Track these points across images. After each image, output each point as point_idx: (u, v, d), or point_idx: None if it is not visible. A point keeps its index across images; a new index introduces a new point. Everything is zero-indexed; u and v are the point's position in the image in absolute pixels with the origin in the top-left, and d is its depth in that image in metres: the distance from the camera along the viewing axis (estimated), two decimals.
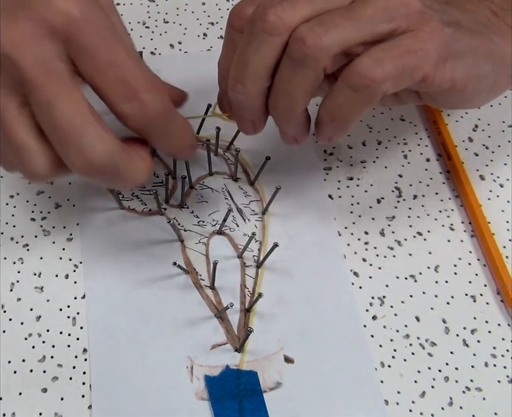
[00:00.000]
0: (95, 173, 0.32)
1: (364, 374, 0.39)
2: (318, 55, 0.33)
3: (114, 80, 0.32)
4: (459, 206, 0.46)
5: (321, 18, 0.33)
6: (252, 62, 0.34)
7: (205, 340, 0.39)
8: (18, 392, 0.37)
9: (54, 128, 0.31)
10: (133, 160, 0.33)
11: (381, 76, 0.33)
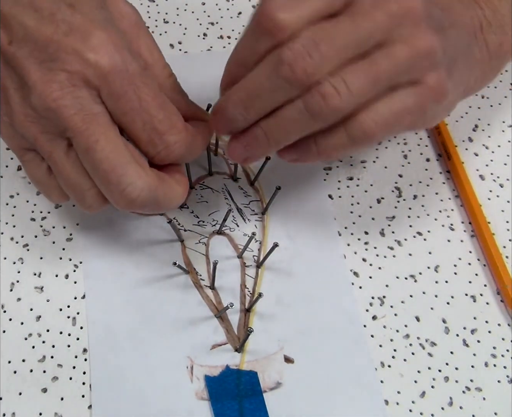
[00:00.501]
0: (137, 208, 0.34)
1: (364, 374, 0.39)
2: (337, 113, 0.33)
3: (140, 124, 0.34)
4: (459, 206, 0.46)
5: (345, 75, 0.32)
6: (264, 98, 0.34)
7: (205, 340, 0.39)
8: (18, 392, 0.37)
9: (95, 169, 0.34)
10: (171, 187, 0.36)
11: (380, 133, 0.34)
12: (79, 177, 0.35)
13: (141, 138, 0.34)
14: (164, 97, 0.35)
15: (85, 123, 0.33)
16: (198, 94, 0.48)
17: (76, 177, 0.35)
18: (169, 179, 0.36)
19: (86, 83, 0.33)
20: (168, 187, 0.36)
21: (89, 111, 0.33)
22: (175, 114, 0.36)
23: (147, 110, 0.34)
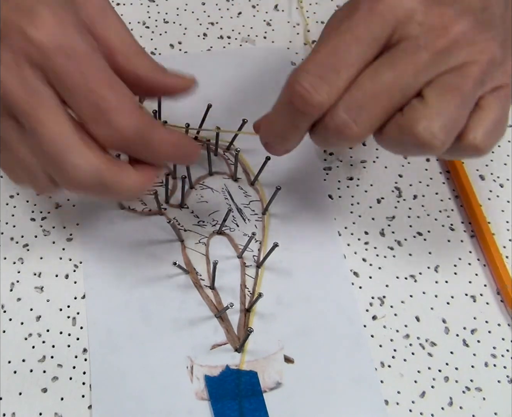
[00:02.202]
0: (84, 190, 0.33)
1: (364, 374, 0.39)
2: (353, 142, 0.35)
3: (86, 104, 0.32)
4: (459, 206, 0.46)
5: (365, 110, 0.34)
6: (292, 135, 0.37)
7: (205, 340, 0.39)
8: (18, 392, 0.37)
9: (41, 151, 0.32)
10: (125, 173, 0.34)
11: (490, 145, 0.35)
12: (30, 158, 0.33)
13: (87, 118, 0.33)
14: (116, 79, 0.34)
15: (30, 104, 0.32)
16: (198, 94, 0.48)
17: (27, 159, 0.33)
18: (124, 166, 0.34)
19: (30, 62, 0.31)
20: (121, 173, 0.34)
21: (34, 92, 0.32)
22: (128, 96, 0.34)
23: (93, 90, 0.32)
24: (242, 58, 0.51)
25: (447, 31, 0.33)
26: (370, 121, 0.34)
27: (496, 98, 0.35)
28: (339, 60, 0.33)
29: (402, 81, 0.33)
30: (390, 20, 0.33)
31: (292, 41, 0.52)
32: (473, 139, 0.34)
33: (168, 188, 0.43)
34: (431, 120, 0.33)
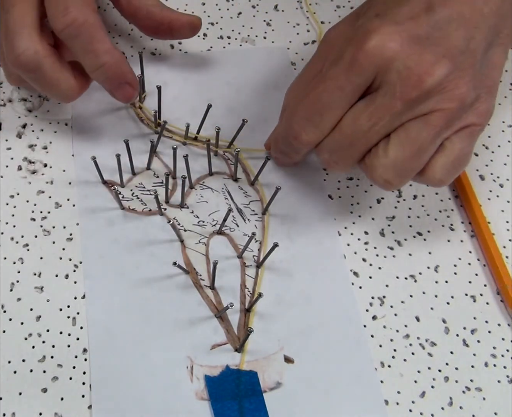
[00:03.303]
0: (22, 67, 0.40)
1: (364, 374, 0.39)
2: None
3: (54, 1, 0.40)
4: (459, 206, 0.46)
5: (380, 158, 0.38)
6: (293, 158, 0.44)
7: (205, 340, 0.39)
8: (18, 392, 0.37)
9: (4, 28, 0.40)
10: (63, 70, 0.41)
11: (449, 178, 0.39)
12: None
13: (52, 13, 0.39)
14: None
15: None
16: (198, 94, 0.48)
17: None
18: (66, 64, 0.41)
19: None
20: (59, 68, 0.40)
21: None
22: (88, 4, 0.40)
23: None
24: (242, 58, 0.51)
25: (421, 81, 0.35)
26: (348, 160, 0.39)
27: (460, 138, 0.37)
28: (322, 105, 0.38)
29: (377, 128, 0.37)
30: (370, 71, 0.36)
31: (292, 41, 0.52)
32: (432, 178, 0.38)
33: (168, 188, 0.43)
34: (385, 169, 0.38)
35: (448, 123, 0.36)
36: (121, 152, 0.42)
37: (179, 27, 0.46)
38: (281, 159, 0.44)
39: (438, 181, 0.38)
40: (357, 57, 0.36)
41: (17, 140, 0.46)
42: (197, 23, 0.47)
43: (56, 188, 0.44)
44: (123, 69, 0.42)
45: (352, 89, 0.37)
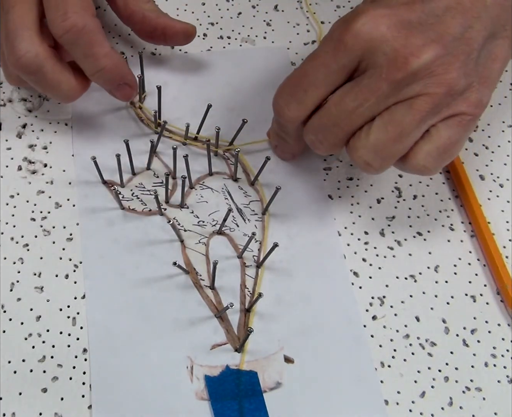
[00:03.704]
0: (23, 69, 0.40)
1: (364, 374, 0.39)
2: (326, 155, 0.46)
3: (53, 5, 0.40)
4: (459, 206, 0.46)
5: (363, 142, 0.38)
6: (285, 140, 0.44)
7: (205, 340, 0.39)
8: (18, 392, 0.37)
9: (4, 29, 0.40)
10: (64, 71, 0.41)
11: (434, 167, 0.38)
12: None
13: (52, 17, 0.40)
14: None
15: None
16: (198, 94, 0.48)
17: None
18: (66, 65, 0.41)
19: None
20: (60, 69, 0.41)
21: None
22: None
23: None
24: (242, 58, 0.51)
25: (407, 63, 0.35)
26: (333, 141, 0.39)
27: (447, 126, 0.37)
28: (307, 81, 0.38)
29: (362, 109, 0.36)
30: (356, 51, 0.36)
31: (292, 41, 0.52)
32: (415, 164, 0.38)
33: (168, 188, 0.43)
34: (366, 151, 0.37)
35: (434, 108, 0.36)
36: (121, 152, 0.42)
37: (173, 34, 0.46)
38: (279, 146, 0.44)
39: (422, 167, 0.38)
40: (344, 37, 0.36)
41: (17, 140, 0.46)
42: (191, 31, 0.47)
43: (56, 188, 0.44)
44: (122, 71, 0.42)
45: (337, 68, 0.36)
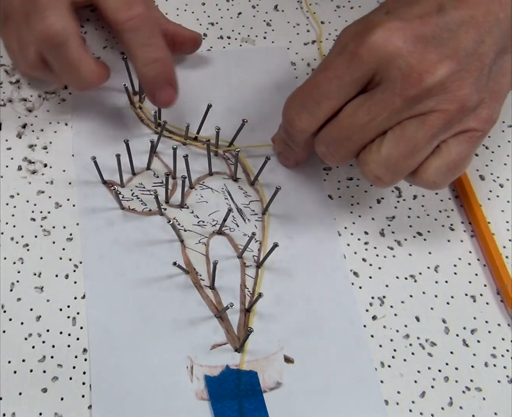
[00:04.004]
0: (49, 39, 0.40)
1: (364, 374, 0.39)
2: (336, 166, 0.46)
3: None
4: (459, 206, 0.46)
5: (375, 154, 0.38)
6: (293, 149, 0.43)
7: (205, 340, 0.39)
8: (18, 392, 0.37)
9: (32, 5, 0.41)
10: (86, 53, 0.41)
11: (443, 182, 0.39)
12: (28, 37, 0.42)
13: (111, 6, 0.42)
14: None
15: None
16: (198, 94, 0.48)
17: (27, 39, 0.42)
18: (89, 51, 0.42)
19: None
20: (84, 49, 0.41)
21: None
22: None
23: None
24: (242, 58, 0.51)
25: (422, 79, 0.35)
26: (344, 154, 0.39)
27: (457, 142, 0.37)
28: (319, 93, 0.37)
29: (375, 123, 0.36)
30: (371, 65, 0.36)
31: (292, 41, 0.52)
32: (426, 179, 0.38)
33: (168, 188, 0.43)
34: (377, 165, 0.37)
35: (446, 125, 0.36)
36: (121, 152, 0.42)
37: (181, 40, 0.47)
38: (284, 153, 0.45)
39: (431, 183, 0.38)
40: (358, 50, 0.35)
41: (17, 140, 0.46)
42: (199, 40, 0.48)
43: (56, 188, 0.44)
44: (171, 70, 0.43)
45: (350, 80, 0.36)
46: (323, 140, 0.39)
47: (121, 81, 0.46)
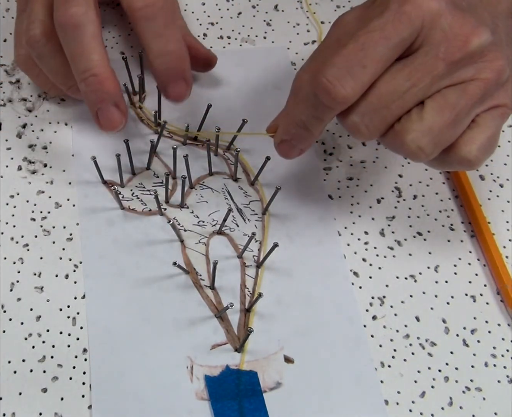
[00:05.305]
0: (68, 21, 0.39)
1: (364, 374, 0.39)
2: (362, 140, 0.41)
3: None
4: (459, 206, 0.46)
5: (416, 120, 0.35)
6: (314, 127, 0.37)
7: (205, 340, 0.39)
8: (18, 392, 0.37)
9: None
10: (101, 44, 0.40)
11: (483, 159, 0.36)
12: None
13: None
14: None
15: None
16: (198, 94, 0.48)
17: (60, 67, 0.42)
18: (104, 46, 0.41)
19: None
20: (99, 39, 0.40)
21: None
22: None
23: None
24: (242, 58, 0.51)
25: (467, 42, 0.34)
26: (379, 125, 0.35)
27: (492, 117, 0.36)
28: (366, 56, 0.34)
29: (415, 90, 0.34)
30: (417, 22, 0.34)
31: (292, 41, 0.52)
32: (468, 153, 0.36)
33: (168, 188, 0.43)
34: (421, 134, 0.34)
35: (484, 96, 0.35)
36: (121, 152, 0.42)
37: (196, 55, 0.46)
38: (294, 140, 0.39)
39: (473, 158, 0.36)
40: (404, 8, 0.34)
41: (17, 140, 0.46)
42: (214, 61, 0.48)
43: (56, 188, 0.44)
44: (186, 63, 0.42)
45: (398, 41, 0.34)
46: (358, 110, 0.35)
47: (121, 81, 0.46)
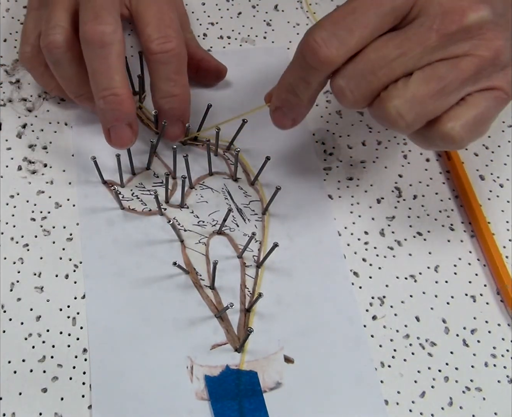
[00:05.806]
0: (96, 37, 0.38)
1: (364, 374, 0.39)
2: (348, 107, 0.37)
3: (155, 25, 0.41)
4: (459, 206, 0.46)
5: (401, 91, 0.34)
6: (303, 92, 0.37)
7: (205, 340, 0.39)
8: (18, 392, 0.37)
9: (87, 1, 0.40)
10: (122, 67, 0.40)
11: (466, 138, 0.35)
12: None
13: (150, 33, 0.41)
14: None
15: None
16: (198, 94, 0.48)
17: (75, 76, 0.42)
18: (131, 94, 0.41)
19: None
20: (122, 61, 0.40)
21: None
22: (178, 26, 0.42)
23: (161, 16, 0.42)
24: (242, 58, 0.51)
25: (463, 16, 0.33)
26: (365, 92, 0.35)
27: (484, 98, 0.35)
28: (354, 20, 0.34)
29: (405, 59, 0.34)
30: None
31: (292, 41, 0.52)
32: (451, 130, 0.34)
33: (168, 188, 0.43)
34: (403, 101, 0.34)
35: (477, 73, 0.34)
36: (121, 152, 0.42)
37: (206, 67, 0.47)
38: (285, 107, 0.39)
39: (456, 134, 0.34)
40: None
41: (17, 140, 0.46)
42: (224, 72, 0.48)
43: (56, 188, 0.44)
44: (186, 106, 0.43)
45: (390, 8, 0.33)
46: (344, 74, 0.35)
47: None
